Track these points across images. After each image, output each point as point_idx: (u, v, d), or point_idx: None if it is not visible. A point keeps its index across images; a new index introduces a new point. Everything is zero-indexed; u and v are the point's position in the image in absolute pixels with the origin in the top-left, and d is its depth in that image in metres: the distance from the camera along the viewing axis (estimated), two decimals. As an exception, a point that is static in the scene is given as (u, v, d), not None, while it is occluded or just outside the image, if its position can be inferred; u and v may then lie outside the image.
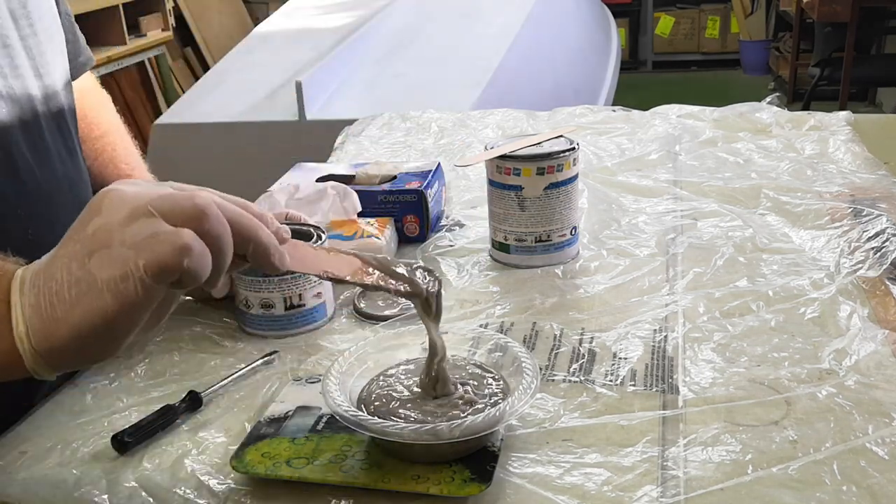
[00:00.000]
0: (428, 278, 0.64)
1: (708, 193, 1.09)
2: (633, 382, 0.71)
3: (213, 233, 0.52)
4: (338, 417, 0.61)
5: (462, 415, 0.61)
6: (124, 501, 0.61)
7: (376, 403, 0.64)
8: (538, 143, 0.92)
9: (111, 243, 0.51)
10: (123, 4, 3.43)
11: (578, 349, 0.76)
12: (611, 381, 0.71)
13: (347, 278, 0.61)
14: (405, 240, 1.01)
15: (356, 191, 0.99)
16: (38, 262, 0.55)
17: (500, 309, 0.84)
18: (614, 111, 1.46)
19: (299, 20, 2.92)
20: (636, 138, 1.31)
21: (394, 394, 0.65)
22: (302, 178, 1.09)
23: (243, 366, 0.76)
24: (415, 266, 0.64)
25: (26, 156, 0.79)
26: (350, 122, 1.52)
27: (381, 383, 0.67)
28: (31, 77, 0.81)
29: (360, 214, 0.98)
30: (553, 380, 0.72)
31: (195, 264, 0.51)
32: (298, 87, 2.07)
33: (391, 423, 0.60)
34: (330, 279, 0.61)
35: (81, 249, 0.52)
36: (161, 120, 2.26)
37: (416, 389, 0.65)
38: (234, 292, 0.83)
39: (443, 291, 0.88)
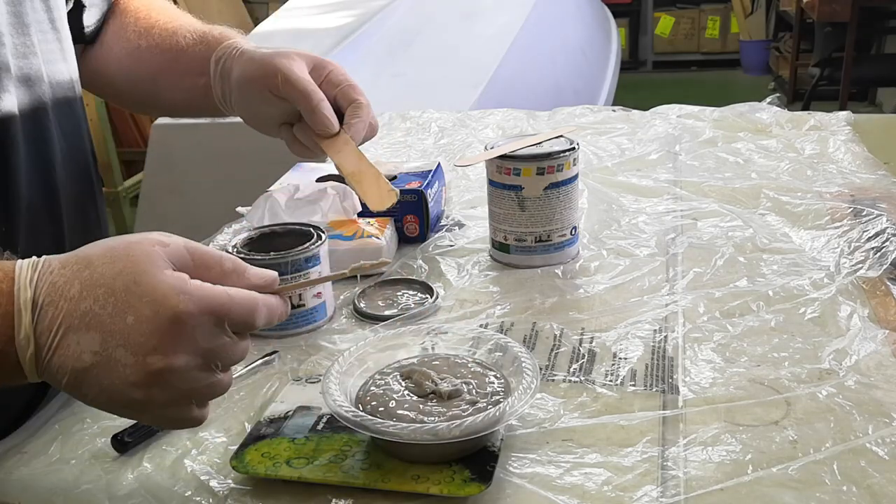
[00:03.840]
0: None
1: (708, 193, 1.09)
2: (633, 382, 0.71)
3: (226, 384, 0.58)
4: (338, 417, 0.61)
5: (462, 414, 0.61)
6: (124, 501, 0.61)
7: (373, 403, 0.64)
8: (538, 143, 0.92)
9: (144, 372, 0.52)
10: (123, 4, 3.43)
11: (578, 349, 0.76)
12: (611, 381, 0.71)
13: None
14: (405, 240, 1.01)
15: (356, 191, 0.99)
16: (52, 272, 0.53)
17: (500, 309, 0.84)
18: (614, 111, 1.46)
19: (299, 20, 2.92)
20: (636, 138, 1.31)
21: (390, 393, 0.65)
22: (302, 178, 1.09)
23: (243, 366, 0.76)
24: None
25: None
26: (350, 121, 1.52)
27: (378, 382, 0.67)
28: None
29: (360, 214, 0.98)
30: (553, 380, 0.72)
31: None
32: (298, 86, 2.06)
33: (391, 422, 0.60)
34: None
35: (109, 340, 0.52)
36: (161, 120, 2.25)
37: (413, 395, 0.65)
38: None
39: (442, 291, 0.88)
